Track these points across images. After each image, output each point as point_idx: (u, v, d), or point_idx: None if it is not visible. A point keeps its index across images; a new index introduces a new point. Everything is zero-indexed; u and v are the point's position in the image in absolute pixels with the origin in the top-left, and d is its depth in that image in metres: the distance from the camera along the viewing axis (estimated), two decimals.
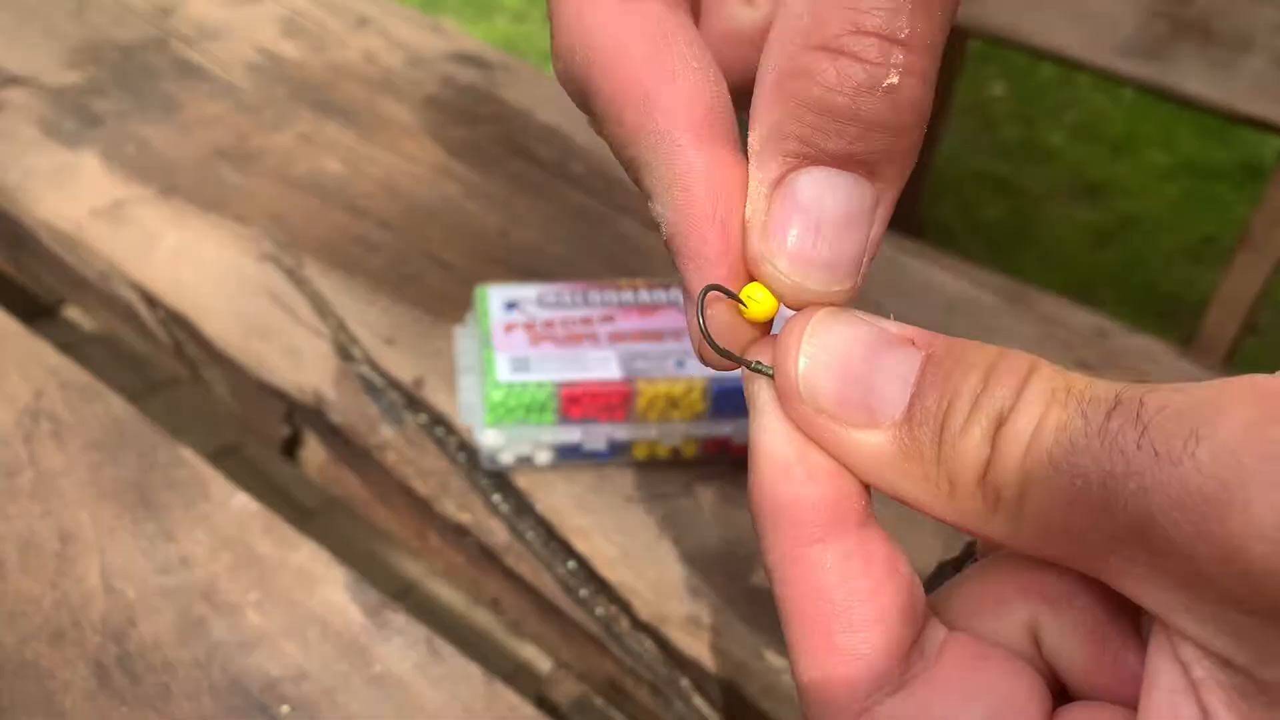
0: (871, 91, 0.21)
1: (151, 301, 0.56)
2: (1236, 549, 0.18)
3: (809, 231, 0.23)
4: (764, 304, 0.24)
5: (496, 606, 0.49)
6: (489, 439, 0.46)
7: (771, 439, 0.23)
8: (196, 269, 0.57)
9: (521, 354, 0.47)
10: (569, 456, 0.48)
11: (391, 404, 0.51)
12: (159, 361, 0.59)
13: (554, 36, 0.25)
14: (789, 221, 0.23)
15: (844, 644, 0.22)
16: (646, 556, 0.45)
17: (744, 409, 0.49)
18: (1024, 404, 0.21)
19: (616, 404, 0.46)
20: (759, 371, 0.24)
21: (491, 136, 0.70)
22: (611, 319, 0.49)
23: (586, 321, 0.49)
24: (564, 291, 0.51)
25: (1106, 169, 2.07)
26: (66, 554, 0.43)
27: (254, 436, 0.56)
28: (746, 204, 0.23)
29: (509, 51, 0.81)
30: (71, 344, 0.64)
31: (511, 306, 0.49)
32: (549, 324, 0.49)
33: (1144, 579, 0.20)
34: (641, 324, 0.49)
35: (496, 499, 0.47)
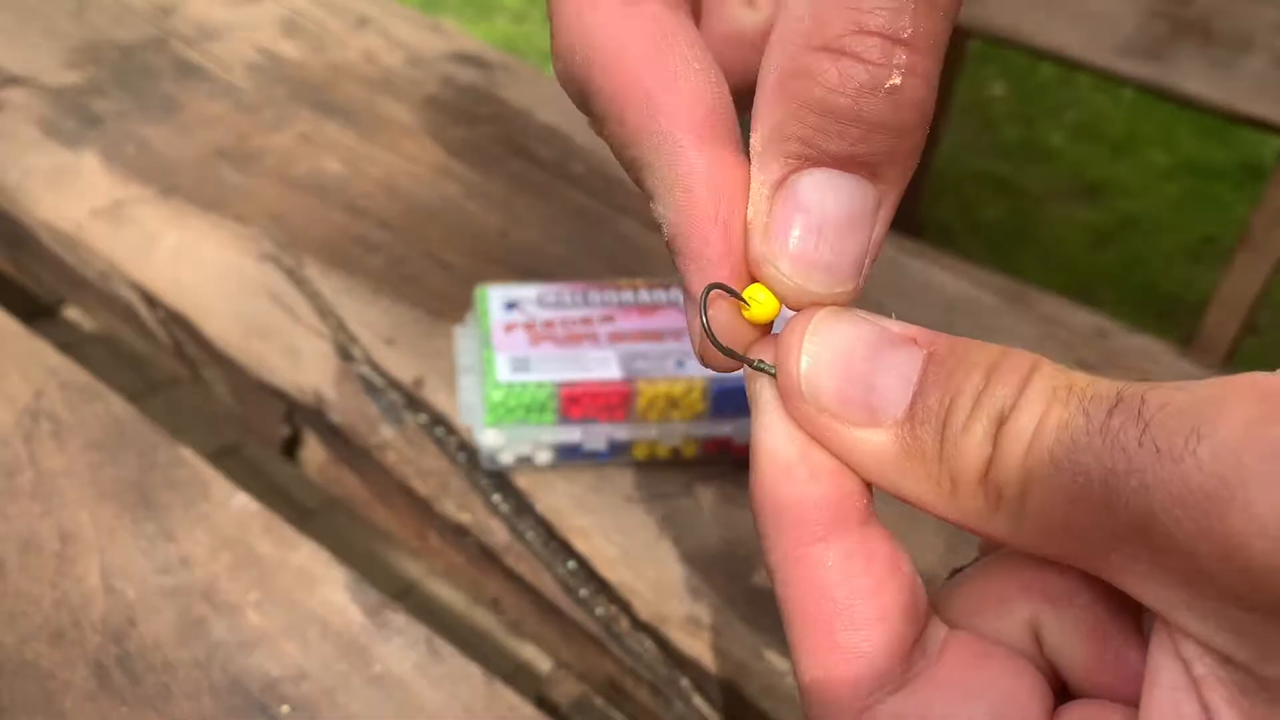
0: (874, 92, 0.21)
1: (151, 301, 0.56)
2: (1237, 546, 0.18)
3: (811, 233, 0.23)
4: (766, 305, 0.24)
5: (496, 606, 0.49)
6: (489, 439, 0.46)
7: (773, 438, 0.23)
8: (196, 269, 0.57)
9: (521, 354, 0.47)
10: (569, 456, 0.48)
11: (391, 404, 0.51)
12: (159, 361, 0.59)
13: (554, 37, 0.25)
14: (791, 223, 0.23)
15: (846, 642, 0.22)
16: (646, 556, 0.45)
17: (744, 409, 0.49)
18: (1026, 402, 0.21)
19: (616, 404, 0.46)
20: (761, 370, 0.24)
21: (491, 136, 0.70)
22: (611, 319, 0.49)
23: (586, 321, 0.49)
24: (564, 291, 0.51)
25: (1106, 169, 2.07)
26: (66, 554, 0.43)
27: (254, 436, 0.56)
28: (748, 205, 0.23)
29: (509, 51, 0.81)
30: (71, 344, 0.64)
31: (511, 306, 0.49)
32: (549, 324, 0.49)
33: (1145, 576, 0.20)
34: (641, 324, 0.49)
35: (496, 499, 0.47)
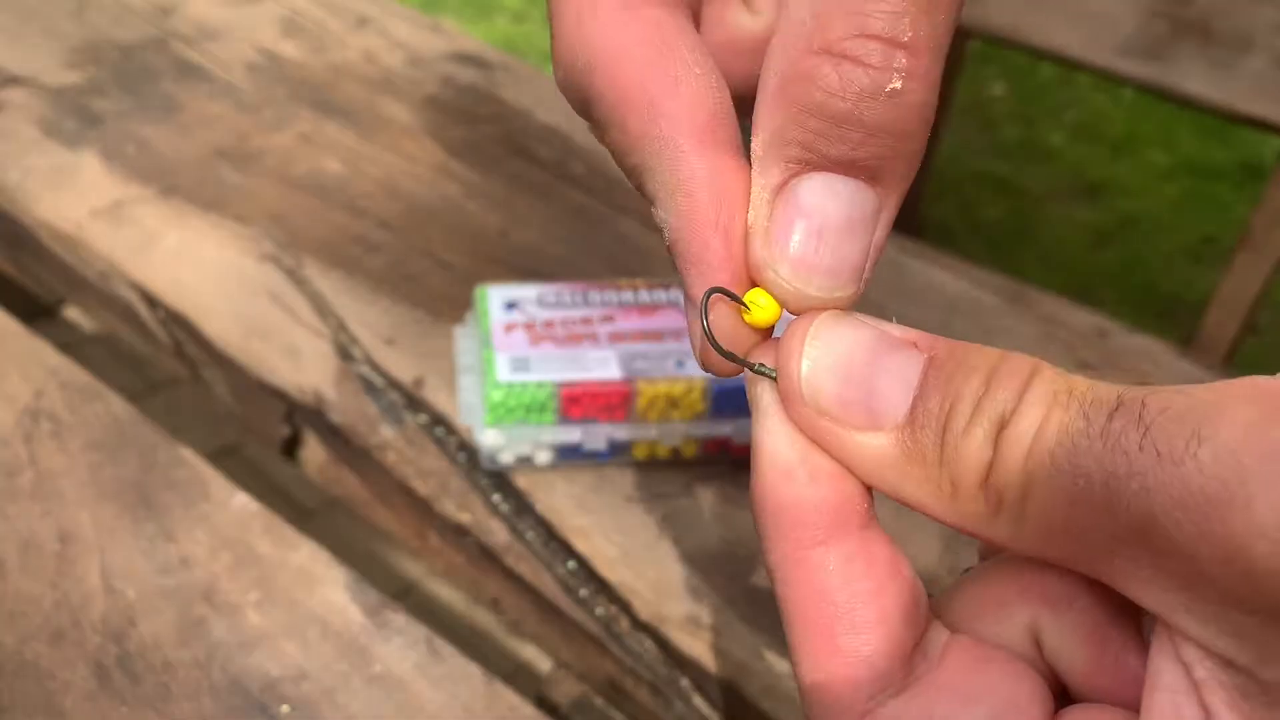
0: (874, 96, 0.21)
1: (151, 301, 0.56)
2: (1238, 548, 0.18)
3: (811, 237, 0.23)
4: (767, 309, 0.24)
5: (496, 606, 0.49)
6: (489, 439, 0.46)
7: (774, 441, 0.23)
8: (196, 269, 0.57)
9: (521, 354, 0.47)
10: (569, 456, 0.48)
11: (391, 404, 0.51)
12: (159, 361, 0.59)
13: (554, 44, 0.25)
14: (791, 227, 0.23)
15: (847, 645, 0.22)
16: (646, 556, 0.45)
17: (744, 409, 0.49)
18: (1026, 406, 0.21)
19: (616, 404, 0.46)
20: (762, 374, 0.24)
21: (491, 136, 0.70)
22: (611, 319, 0.49)
23: (586, 321, 0.49)
24: (564, 291, 0.51)
25: (1106, 169, 2.07)
26: (66, 554, 0.43)
27: (254, 436, 0.56)
28: (749, 210, 0.23)
29: (509, 51, 0.81)
30: (71, 344, 0.64)
31: (511, 306, 0.49)
32: (549, 324, 0.49)
33: (1146, 580, 0.20)
34: (641, 324, 0.49)
35: (496, 499, 0.47)
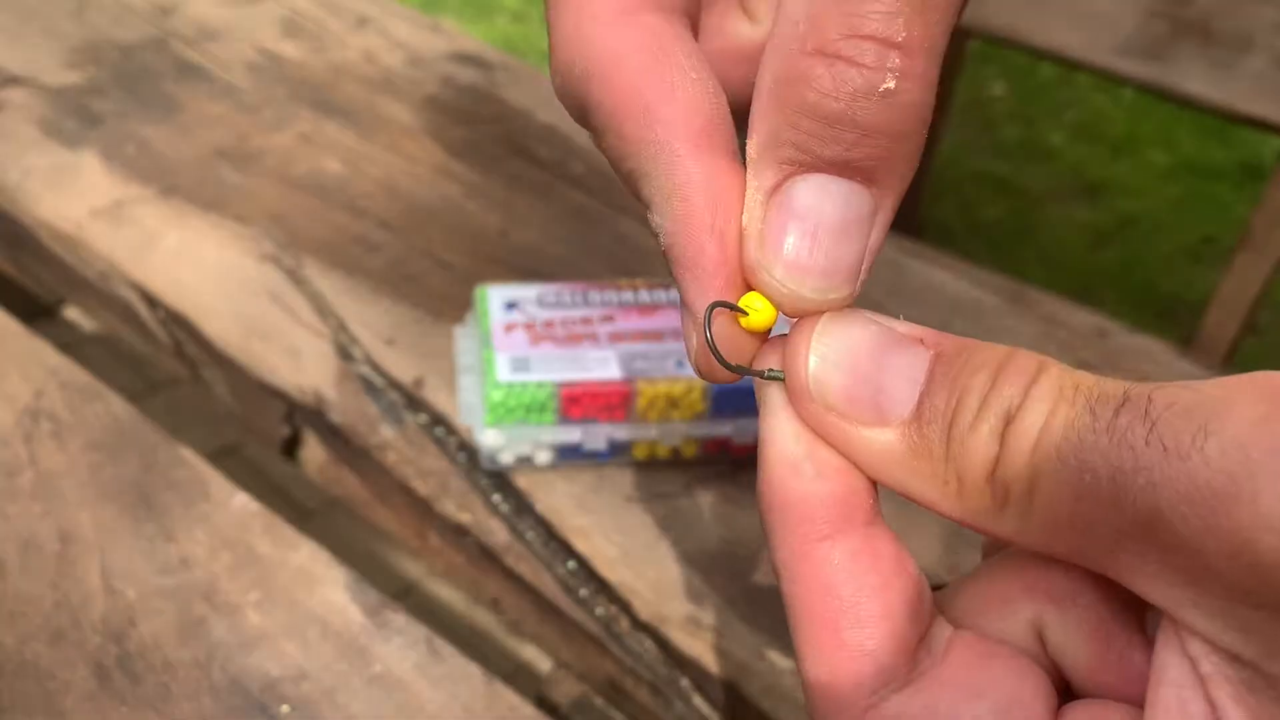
0: (868, 96, 0.21)
1: (151, 301, 0.56)
2: (1245, 541, 0.18)
3: (805, 239, 0.22)
4: (763, 313, 0.23)
5: (496, 606, 0.49)
6: (489, 439, 0.46)
7: (781, 436, 0.23)
8: (196, 269, 0.57)
9: (521, 354, 0.47)
10: (569, 456, 0.48)
11: (391, 404, 0.51)
12: (159, 361, 0.59)
13: (552, 52, 0.25)
14: (785, 229, 0.23)
15: (851, 640, 0.22)
16: (646, 556, 0.45)
17: (744, 409, 0.49)
18: (1032, 402, 0.21)
19: (616, 404, 0.46)
20: (772, 378, 0.24)
21: (491, 136, 0.70)
22: (611, 319, 0.49)
23: (586, 321, 0.49)
24: (564, 291, 0.51)
25: (1106, 169, 2.07)
26: (66, 554, 0.43)
27: (254, 436, 0.56)
28: (744, 213, 0.23)
29: (509, 51, 0.81)
30: (71, 344, 0.64)
31: (511, 306, 0.49)
32: (549, 324, 0.49)
33: (1152, 574, 0.20)
34: (641, 324, 0.49)
35: (496, 499, 0.47)
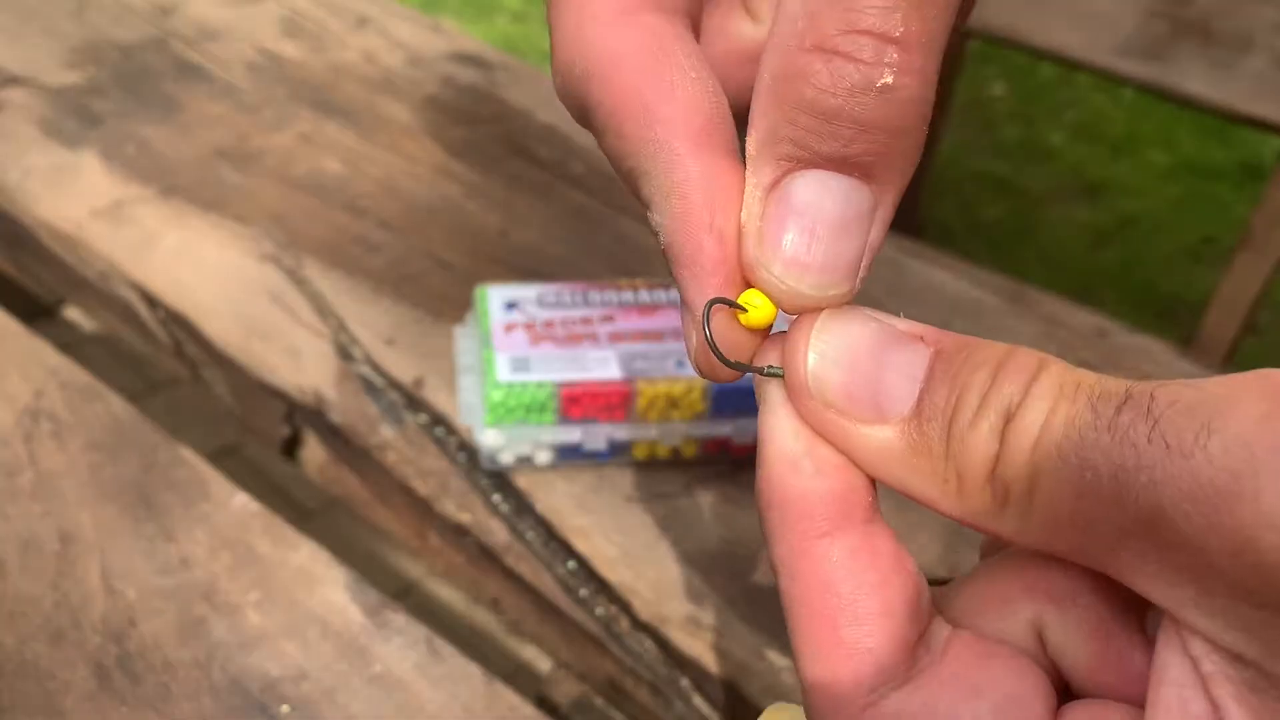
0: (865, 92, 0.21)
1: (151, 301, 0.56)
2: (1248, 540, 0.18)
3: (804, 235, 0.22)
4: (762, 310, 0.23)
5: (496, 606, 0.49)
6: (489, 439, 0.46)
7: (780, 433, 0.23)
8: (196, 269, 0.57)
9: (521, 354, 0.47)
10: (569, 456, 0.48)
11: (391, 404, 0.51)
12: (159, 361, 0.59)
13: (554, 53, 0.25)
14: (784, 226, 0.22)
15: (850, 637, 0.22)
16: (646, 556, 0.45)
17: (744, 409, 0.49)
18: (1033, 399, 0.21)
19: (616, 404, 0.46)
20: (772, 375, 0.24)
21: (491, 136, 0.70)
22: (611, 319, 0.49)
23: (586, 321, 0.49)
24: (564, 291, 0.51)
25: (1106, 169, 2.07)
26: (66, 554, 0.43)
27: (254, 436, 0.56)
28: (743, 209, 0.23)
29: (509, 51, 0.81)
30: (71, 344, 0.64)
31: (511, 306, 0.49)
32: (549, 324, 0.49)
33: (1154, 574, 0.20)
34: (641, 324, 0.49)
35: (496, 499, 0.47)
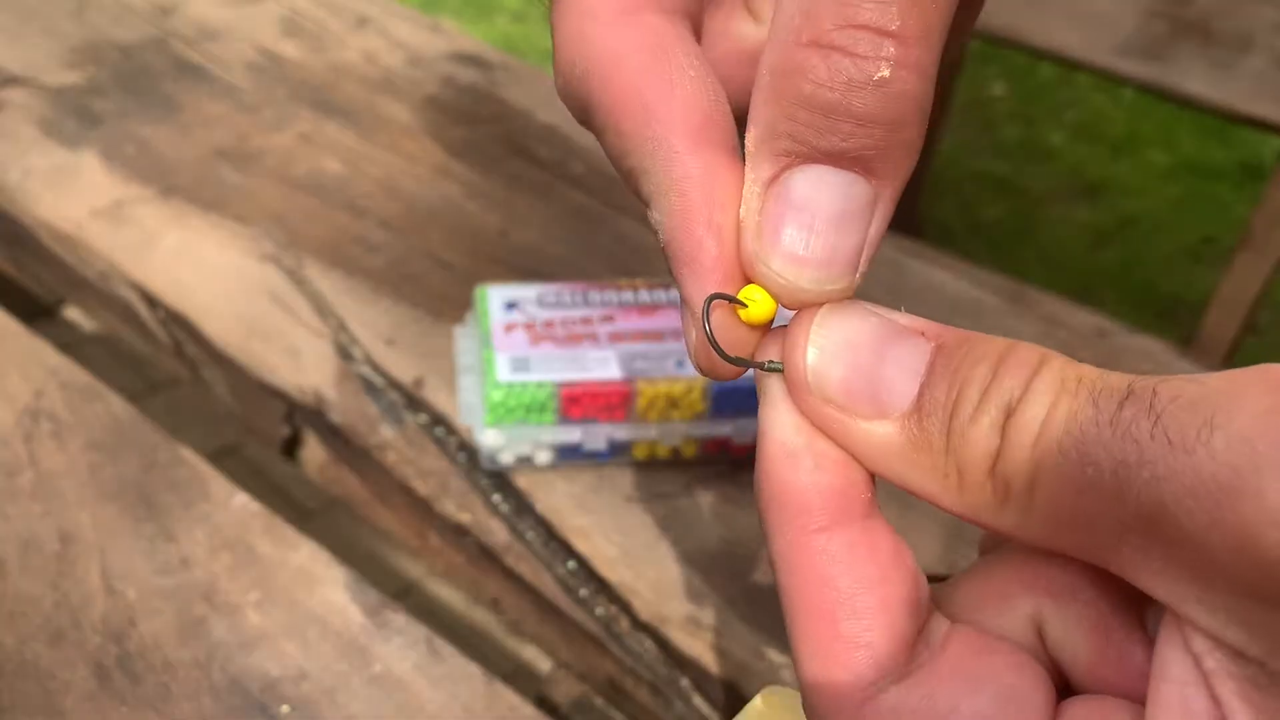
0: (863, 86, 0.21)
1: (151, 301, 0.56)
2: (1250, 536, 0.18)
3: (803, 230, 0.22)
4: (762, 305, 0.23)
5: (496, 606, 0.49)
6: (489, 439, 0.46)
7: (780, 428, 0.23)
8: (196, 269, 0.57)
9: (521, 354, 0.47)
10: (569, 456, 0.48)
11: (391, 404, 0.51)
12: (159, 361, 0.59)
13: (555, 53, 0.25)
14: (782, 221, 0.23)
15: (848, 632, 0.22)
16: (646, 556, 0.45)
17: (744, 409, 0.49)
18: (1034, 394, 0.21)
19: (616, 404, 0.46)
20: (772, 370, 0.24)
21: (491, 136, 0.70)
22: (611, 319, 0.49)
23: (586, 321, 0.49)
24: (564, 291, 0.51)
25: (1106, 169, 2.07)
26: (66, 554, 0.43)
27: (254, 436, 0.56)
28: (742, 205, 0.23)
29: (509, 51, 0.81)
30: (71, 344, 0.64)
31: (511, 306, 0.49)
32: (549, 324, 0.49)
33: (1155, 570, 0.20)
34: (641, 324, 0.49)
35: (496, 499, 0.47)
